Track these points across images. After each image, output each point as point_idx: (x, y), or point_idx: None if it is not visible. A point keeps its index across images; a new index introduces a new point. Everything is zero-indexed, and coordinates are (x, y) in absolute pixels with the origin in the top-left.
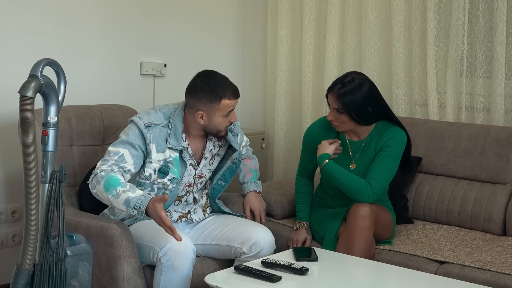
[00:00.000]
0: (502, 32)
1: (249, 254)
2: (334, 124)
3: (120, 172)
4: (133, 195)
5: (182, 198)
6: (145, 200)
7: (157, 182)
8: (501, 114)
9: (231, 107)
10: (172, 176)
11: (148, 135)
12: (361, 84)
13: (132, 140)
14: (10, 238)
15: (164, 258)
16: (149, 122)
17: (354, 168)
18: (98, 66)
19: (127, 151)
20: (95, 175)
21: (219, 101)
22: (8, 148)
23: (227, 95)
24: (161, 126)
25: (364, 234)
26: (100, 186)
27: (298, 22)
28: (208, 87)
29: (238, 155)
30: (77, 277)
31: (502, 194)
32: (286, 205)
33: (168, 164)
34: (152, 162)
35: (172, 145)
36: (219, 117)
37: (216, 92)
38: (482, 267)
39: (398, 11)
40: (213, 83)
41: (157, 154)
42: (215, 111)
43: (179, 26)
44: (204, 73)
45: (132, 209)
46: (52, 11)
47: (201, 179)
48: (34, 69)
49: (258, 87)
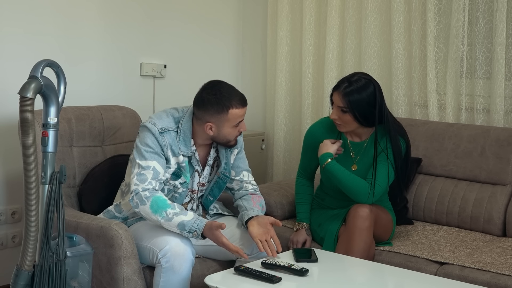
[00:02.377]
0: (502, 33)
1: (250, 255)
2: (337, 124)
3: (161, 187)
4: (187, 219)
5: (187, 206)
6: (201, 224)
7: (168, 183)
8: (501, 115)
9: (240, 116)
10: (184, 180)
11: (164, 141)
12: (367, 84)
13: (155, 149)
14: (10, 239)
15: (163, 259)
16: (162, 127)
17: (355, 169)
18: (98, 67)
19: (156, 162)
20: (137, 194)
21: (227, 111)
22: (8, 149)
23: (235, 104)
24: (173, 131)
25: (364, 235)
26: (146, 207)
27: (298, 23)
28: (214, 99)
29: (223, 170)
30: (77, 278)
31: (502, 195)
32: (286, 206)
33: (181, 168)
34: (170, 168)
35: (183, 151)
36: (228, 127)
37: (223, 102)
38: (482, 268)
39: (398, 12)
40: (219, 93)
41: (172, 158)
42: (224, 122)
43: (179, 27)
44: (210, 84)
45: (187, 233)
46: (52, 12)
47: (203, 187)
48: (34, 70)
49: (258, 88)
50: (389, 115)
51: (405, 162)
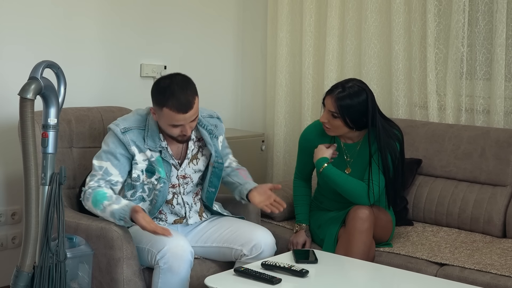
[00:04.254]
0: (502, 34)
1: (249, 256)
2: (326, 127)
3: (108, 186)
4: (117, 207)
5: (172, 202)
6: (127, 209)
7: (146, 182)
8: (501, 116)
9: (176, 120)
10: (159, 176)
11: (126, 139)
12: (360, 91)
13: (112, 150)
14: (10, 240)
15: (162, 260)
16: (125, 127)
17: (349, 172)
18: (98, 68)
19: (109, 163)
20: (84, 193)
21: (161, 107)
22: (8, 150)
23: (170, 105)
24: (138, 129)
25: (363, 236)
26: (89, 203)
27: (298, 24)
28: (157, 89)
29: (215, 158)
30: (77, 279)
31: (502, 196)
32: (286, 207)
33: (152, 163)
34: (138, 163)
35: (149, 146)
36: (165, 123)
37: (161, 97)
38: (482, 269)
39: (398, 13)
40: (164, 87)
41: (140, 155)
42: (160, 116)
43: (179, 28)
44: (170, 75)
45: (119, 221)
46: (52, 13)
47: (185, 179)
48: (34, 71)
49: (258, 89)
50: (381, 124)
51: (401, 164)
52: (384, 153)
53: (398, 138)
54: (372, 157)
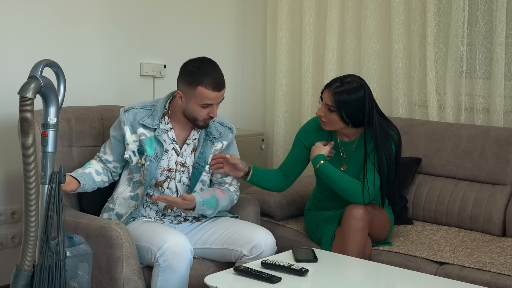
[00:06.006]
0: (502, 33)
1: (250, 256)
2: (322, 121)
3: (99, 160)
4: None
5: (163, 184)
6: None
7: (140, 164)
8: (500, 115)
9: (209, 99)
10: (145, 154)
11: (124, 118)
12: (359, 88)
13: (111, 132)
14: (10, 239)
15: (161, 258)
16: (130, 106)
17: (344, 170)
18: (98, 67)
19: (108, 142)
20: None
21: (196, 86)
22: (8, 149)
23: (205, 83)
24: (141, 109)
25: (358, 236)
26: None
27: (297, 23)
28: (190, 70)
29: (197, 159)
30: (77, 278)
31: (502, 195)
32: (285, 206)
33: (141, 142)
34: (129, 144)
35: (145, 122)
36: (195, 104)
37: (195, 76)
38: (482, 268)
39: (397, 12)
40: (197, 68)
41: (131, 135)
42: (191, 96)
43: (178, 27)
44: (198, 58)
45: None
46: (52, 12)
47: (183, 168)
48: (34, 70)
49: (257, 88)
50: (378, 122)
51: (396, 164)
52: (379, 152)
53: (394, 140)
54: (368, 156)
